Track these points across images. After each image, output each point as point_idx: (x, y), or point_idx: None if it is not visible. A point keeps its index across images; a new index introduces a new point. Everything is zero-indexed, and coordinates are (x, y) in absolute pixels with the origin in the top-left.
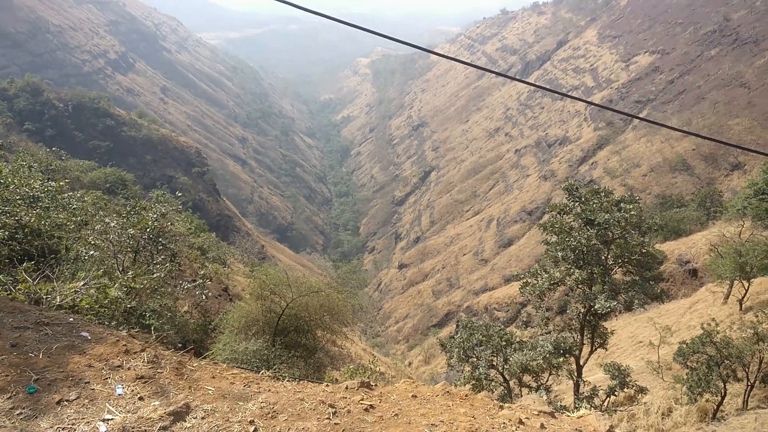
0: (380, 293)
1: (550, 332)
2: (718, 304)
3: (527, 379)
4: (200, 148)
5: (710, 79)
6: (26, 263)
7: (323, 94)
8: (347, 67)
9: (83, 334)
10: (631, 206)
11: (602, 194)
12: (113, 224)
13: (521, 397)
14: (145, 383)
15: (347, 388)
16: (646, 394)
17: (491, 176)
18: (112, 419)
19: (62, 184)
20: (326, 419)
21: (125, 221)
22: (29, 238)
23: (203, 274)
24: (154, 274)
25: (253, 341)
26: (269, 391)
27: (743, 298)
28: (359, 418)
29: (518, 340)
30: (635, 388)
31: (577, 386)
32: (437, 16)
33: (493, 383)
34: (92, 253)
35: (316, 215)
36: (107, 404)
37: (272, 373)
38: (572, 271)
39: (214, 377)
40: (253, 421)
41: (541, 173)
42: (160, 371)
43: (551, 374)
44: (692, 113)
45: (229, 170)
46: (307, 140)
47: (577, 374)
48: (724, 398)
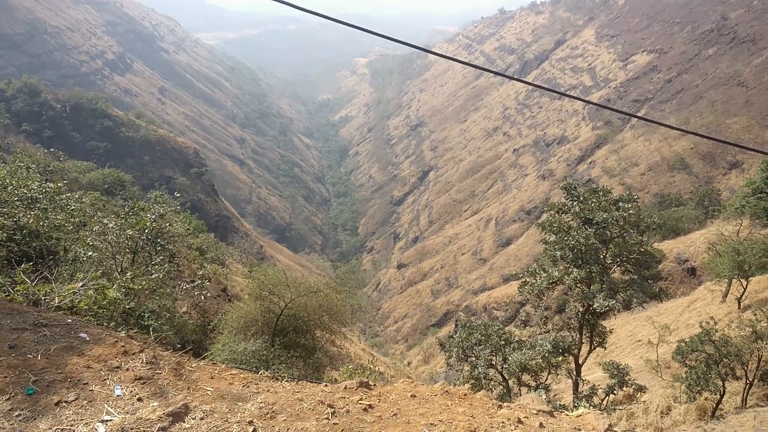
0: (379, 293)
1: (548, 331)
2: (716, 302)
3: (526, 378)
4: (198, 148)
5: (708, 78)
6: (24, 264)
7: (321, 94)
8: (345, 67)
9: (82, 335)
10: (629, 205)
11: (600, 193)
12: (112, 225)
13: (520, 396)
14: (143, 384)
15: (346, 388)
16: (645, 392)
17: (489, 176)
18: (110, 420)
19: (60, 185)
20: (325, 419)
21: (124, 222)
22: (27, 239)
23: (202, 274)
24: (152, 274)
25: (252, 341)
26: (268, 391)
27: (742, 296)
28: (358, 418)
29: (517, 339)
30: (634, 386)
31: (576, 385)
32: (437, 16)
33: (492, 382)
34: (91, 254)
35: (314, 215)
36: (106, 405)
37: (271, 373)
38: (571, 270)
39: (212, 378)
40: (251, 421)
41: (539, 173)
42: (158, 372)
43: (550, 373)
44: (690, 112)
45: (227, 171)
46: (305, 140)
47: (576, 373)
48: (722, 396)
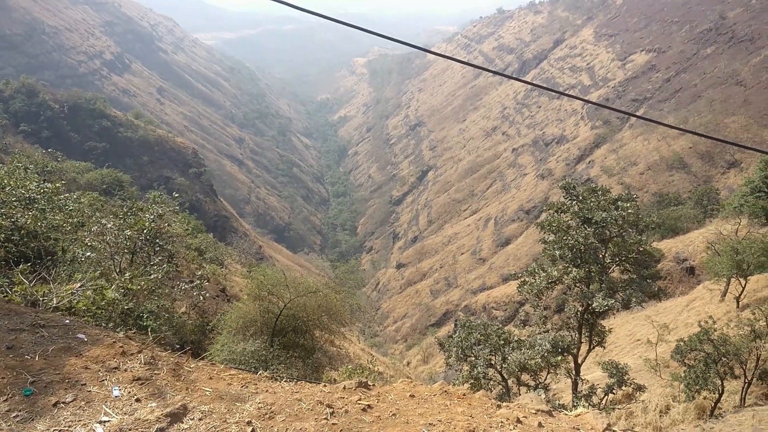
0: (378, 293)
1: (548, 331)
2: (715, 301)
3: (525, 377)
4: (197, 148)
5: (706, 77)
6: (23, 265)
7: (320, 94)
8: (344, 66)
9: (80, 336)
10: (628, 204)
11: (599, 192)
12: (110, 226)
13: (519, 395)
14: (142, 385)
15: (345, 388)
16: (644, 391)
17: (488, 175)
18: (108, 421)
19: (58, 185)
20: (324, 419)
21: (122, 222)
22: (26, 239)
23: (201, 274)
24: (151, 275)
25: (251, 342)
26: (267, 391)
27: (740, 295)
28: (357, 418)
29: (516, 338)
30: (633, 386)
31: (575, 384)
32: (437, 16)
33: (491, 382)
34: (89, 254)
35: (313, 215)
36: (104, 406)
37: (270, 373)
38: (570, 269)
39: (211, 378)
40: (250, 421)
41: (538, 172)
42: (157, 373)
43: (549, 373)
44: (689, 111)
45: (226, 171)
46: (304, 140)
47: (575, 373)
48: (721, 395)
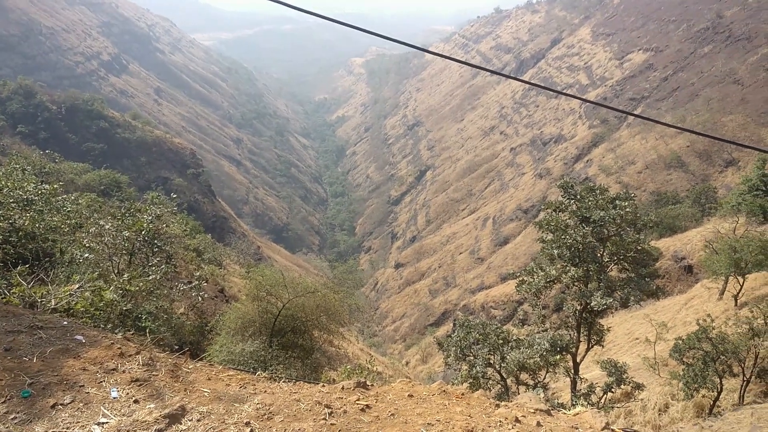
0: (377, 293)
1: (546, 330)
2: (713, 300)
3: (524, 377)
4: (195, 149)
5: (704, 76)
6: (20, 266)
7: (318, 94)
8: (342, 66)
9: (78, 337)
10: (626, 203)
11: (597, 192)
12: (108, 227)
13: (518, 395)
14: (140, 386)
15: (343, 388)
16: (642, 390)
17: (487, 175)
18: (107, 423)
19: (56, 186)
20: (322, 420)
21: (120, 223)
22: (23, 241)
23: (199, 275)
24: (149, 276)
25: (249, 342)
26: (265, 392)
27: (738, 293)
28: (355, 418)
29: (515, 338)
30: (632, 384)
31: (574, 383)
32: (436, 16)
33: (490, 381)
34: (87, 255)
35: (311, 215)
36: (102, 408)
37: (268, 374)
38: (568, 268)
39: (209, 379)
40: (249, 422)
41: (536, 171)
42: (155, 374)
43: (548, 372)
44: (686, 110)
45: (224, 171)
46: (302, 140)
47: (573, 371)
48: (720, 394)
